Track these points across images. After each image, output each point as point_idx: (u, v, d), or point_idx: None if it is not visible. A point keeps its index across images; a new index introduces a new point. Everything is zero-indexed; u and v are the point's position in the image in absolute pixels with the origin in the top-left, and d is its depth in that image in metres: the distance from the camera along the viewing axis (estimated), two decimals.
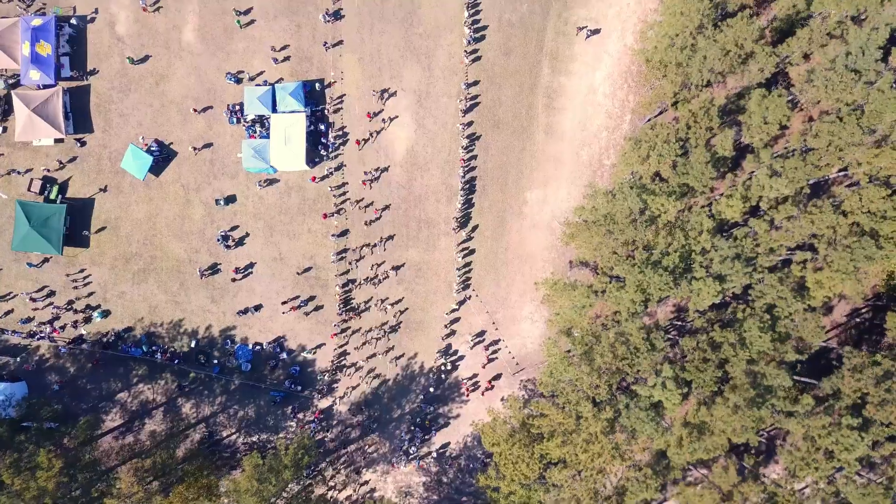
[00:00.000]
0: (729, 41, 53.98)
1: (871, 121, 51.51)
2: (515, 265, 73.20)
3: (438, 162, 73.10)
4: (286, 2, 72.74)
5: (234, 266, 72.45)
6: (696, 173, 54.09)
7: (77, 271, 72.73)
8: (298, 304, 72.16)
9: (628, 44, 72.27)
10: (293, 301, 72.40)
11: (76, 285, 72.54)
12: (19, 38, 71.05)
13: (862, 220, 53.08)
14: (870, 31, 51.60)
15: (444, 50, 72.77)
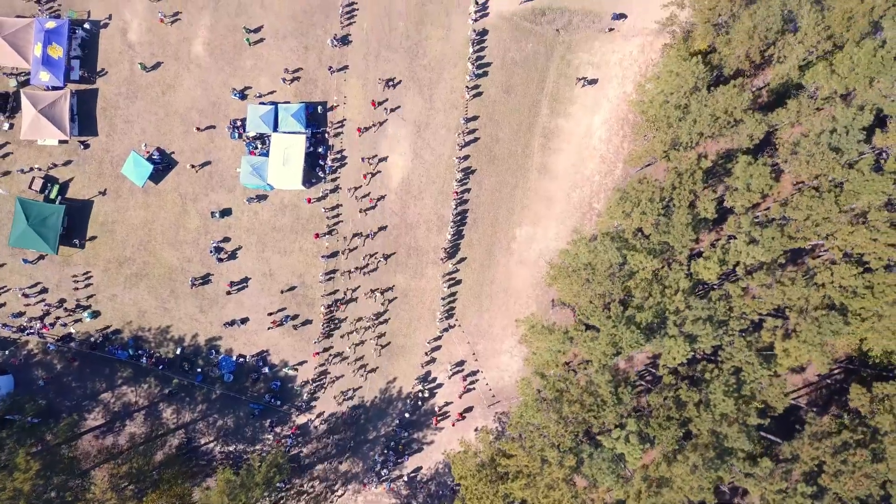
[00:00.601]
0: (719, 108, 55.37)
1: (849, 199, 52.88)
2: (500, 299, 74.61)
3: (432, 192, 74.51)
4: (296, 24, 74.14)
5: (230, 280, 73.84)
6: (676, 234, 55.51)
7: (82, 273, 74.01)
8: (282, 318, 73.60)
9: (627, 91, 73.62)
10: (277, 314, 73.85)
11: (77, 286, 73.85)
12: (32, 38, 72.47)
13: (833, 294, 54.44)
14: (856, 111, 52.94)
15: (446, 83, 74.16)
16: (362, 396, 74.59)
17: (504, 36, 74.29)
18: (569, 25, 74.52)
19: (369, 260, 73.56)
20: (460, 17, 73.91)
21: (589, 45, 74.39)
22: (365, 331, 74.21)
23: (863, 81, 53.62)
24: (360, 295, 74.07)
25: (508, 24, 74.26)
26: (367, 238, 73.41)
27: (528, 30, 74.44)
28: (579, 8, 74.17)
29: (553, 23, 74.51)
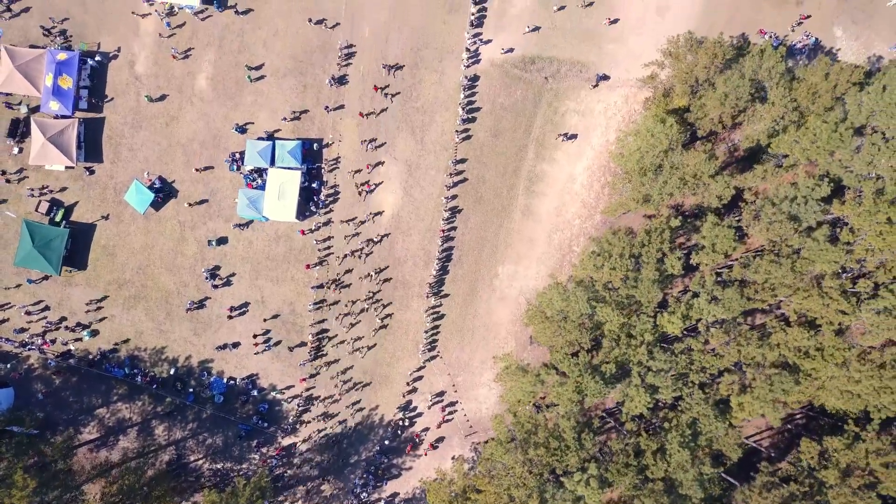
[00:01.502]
0: (689, 171, 58.77)
1: (805, 266, 56.27)
2: (480, 333, 78.08)
3: (420, 229, 77.95)
4: (295, 63, 77.53)
5: (230, 305, 77.14)
6: (643, 289, 58.95)
7: (97, 298, 77.44)
8: (265, 340, 76.89)
9: (610, 140, 77.01)
10: (262, 336, 77.20)
11: (89, 308, 77.32)
12: (44, 68, 75.86)
13: (787, 354, 57.84)
14: (816, 182, 56.34)
15: (437, 126, 77.58)
16: (346, 421, 78.11)
17: (494, 82, 77.69)
18: (557, 74, 77.92)
19: (361, 298, 77.09)
20: (453, 62, 77.31)
21: (575, 93, 77.80)
22: (352, 354, 77.68)
23: (824, 154, 56.99)
24: (347, 327, 77.52)
25: (499, 70, 77.65)
26: (365, 278, 76.82)
27: (517, 77, 77.84)
28: (567, 58, 77.56)
29: (542, 71, 77.89)
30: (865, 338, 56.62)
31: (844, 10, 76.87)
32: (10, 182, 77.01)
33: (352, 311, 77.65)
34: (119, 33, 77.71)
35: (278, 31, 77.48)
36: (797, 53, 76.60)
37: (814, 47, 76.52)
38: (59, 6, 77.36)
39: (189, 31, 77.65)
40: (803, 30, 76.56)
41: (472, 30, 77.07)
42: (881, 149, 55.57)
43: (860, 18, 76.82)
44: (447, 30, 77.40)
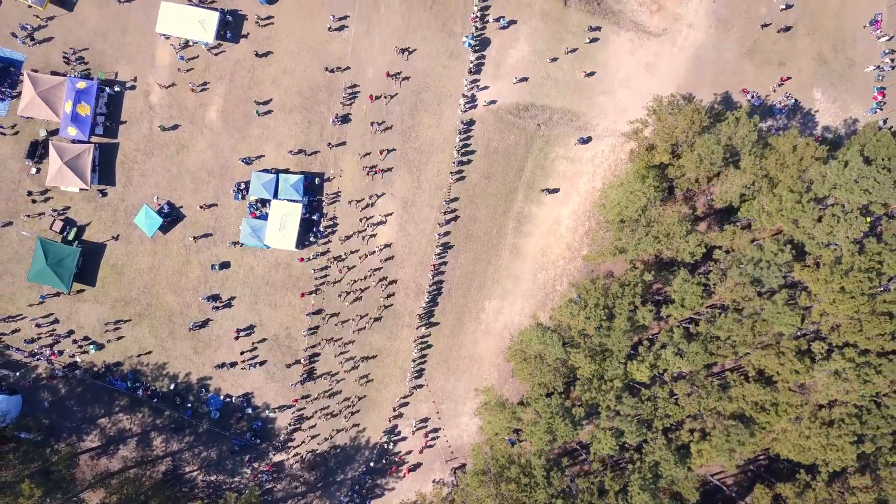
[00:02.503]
0: (662, 231, 63.05)
1: (763, 328, 60.50)
2: (465, 364, 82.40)
3: (413, 262, 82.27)
4: (302, 100, 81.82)
5: (236, 327, 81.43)
6: (615, 339, 63.25)
7: (115, 320, 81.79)
8: (250, 357, 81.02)
9: (596, 187, 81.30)
10: (248, 353, 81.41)
11: (107, 328, 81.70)
12: (64, 95, 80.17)
13: (744, 407, 62.09)
14: (779, 247, 60.58)
15: (433, 166, 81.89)
16: (334, 442, 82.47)
17: (489, 127, 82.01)
18: (549, 122, 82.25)
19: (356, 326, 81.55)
20: (451, 107, 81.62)
21: (565, 140, 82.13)
22: (343, 380, 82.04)
23: (788, 221, 61.23)
24: (339, 352, 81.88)
25: (494, 116, 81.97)
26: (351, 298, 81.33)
27: (511, 122, 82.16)
28: (559, 107, 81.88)
29: (535, 118, 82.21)
30: (816, 396, 60.76)
31: (824, 74, 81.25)
32: (36, 202, 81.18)
33: (344, 336, 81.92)
34: (136, 64, 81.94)
35: (287, 69, 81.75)
36: (777, 113, 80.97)
37: (793, 108, 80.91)
38: (81, 37, 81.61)
39: (202, 65, 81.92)
40: (784, 91, 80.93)
41: (471, 76, 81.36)
42: (840, 220, 59.75)
43: (838, 82, 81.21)
44: (447, 75, 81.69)
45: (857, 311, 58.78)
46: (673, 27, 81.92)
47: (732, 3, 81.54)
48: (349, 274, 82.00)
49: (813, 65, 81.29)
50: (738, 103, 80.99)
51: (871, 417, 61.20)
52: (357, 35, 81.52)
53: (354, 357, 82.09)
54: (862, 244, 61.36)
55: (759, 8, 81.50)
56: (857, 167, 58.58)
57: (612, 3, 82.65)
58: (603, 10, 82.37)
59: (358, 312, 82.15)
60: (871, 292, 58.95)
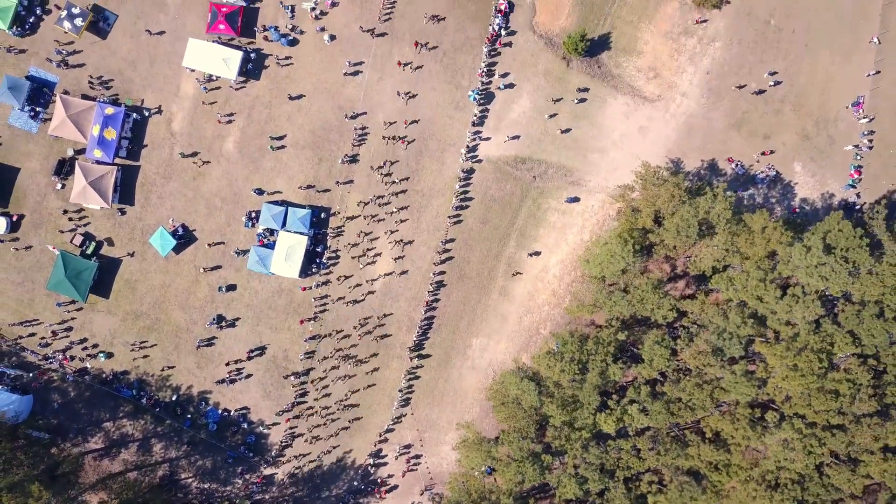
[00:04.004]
0: (635, 300, 68.34)
1: (721, 395, 65.76)
2: (450, 396, 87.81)
3: (407, 297, 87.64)
4: (314, 138, 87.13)
5: (248, 349, 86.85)
6: (585, 393, 68.60)
7: (140, 341, 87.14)
8: (235, 371, 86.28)
9: (584, 239, 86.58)
10: (234, 366, 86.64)
11: (133, 348, 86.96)
12: (93, 119, 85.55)
13: (699, 466, 67.35)
14: (742, 320, 65.79)
15: (433, 209, 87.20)
16: (322, 461, 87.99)
17: (487, 176, 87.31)
18: (544, 175, 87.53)
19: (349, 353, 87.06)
20: (453, 155, 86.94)
21: (558, 193, 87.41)
22: (334, 405, 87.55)
23: (752, 297, 66.47)
24: (330, 376, 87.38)
25: (493, 166, 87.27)
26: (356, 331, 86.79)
27: (508, 173, 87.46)
28: (555, 161, 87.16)
29: (531, 170, 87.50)
30: (765, 462, 65.95)
31: (805, 149, 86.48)
32: (72, 220, 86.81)
33: (339, 363, 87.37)
34: (161, 93, 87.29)
35: (302, 108, 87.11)
36: (759, 182, 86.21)
37: (774, 179, 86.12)
38: (111, 64, 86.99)
39: (223, 99, 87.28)
40: (767, 161, 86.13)
41: (473, 128, 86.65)
42: (799, 301, 64.93)
43: (818, 157, 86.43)
44: (451, 124, 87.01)
45: (807, 388, 63.97)
46: (667, 94, 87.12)
47: (724, 77, 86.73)
48: (347, 304, 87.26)
49: (796, 139, 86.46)
50: (723, 171, 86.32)
51: (812, 485, 66.49)
52: (370, 81, 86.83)
53: (346, 383, 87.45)
54: (818, 324, 66.53)
55: (750, 82, 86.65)
56: (818, 254, 63.71)
57: (612, 67, 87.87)
58: (603, 73, 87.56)
59: (352, 342, 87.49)
60: (820, 372, 64.08)
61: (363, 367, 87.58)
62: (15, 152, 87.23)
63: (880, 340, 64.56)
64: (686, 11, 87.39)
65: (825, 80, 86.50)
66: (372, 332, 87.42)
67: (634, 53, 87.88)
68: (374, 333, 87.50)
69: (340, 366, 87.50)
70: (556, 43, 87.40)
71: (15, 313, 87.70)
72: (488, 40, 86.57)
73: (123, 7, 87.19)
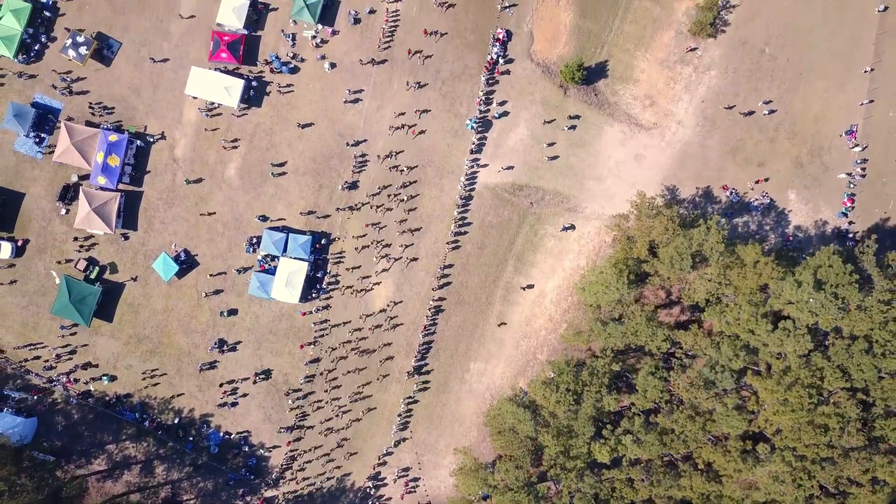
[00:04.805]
0: (629, 332, 69.50)
1: (713, 427, 66.87)
2: (448, 421, 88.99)
3: (406, 322, 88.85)
4: (315, 165, 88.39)
5: (255, 372, 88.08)
6: (580, 423, 69.74)
7: (152, 368, 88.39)
8: (230, 392, 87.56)
9: (581, 265, 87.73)
10: (228, 385, 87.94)
11: (145, 377, 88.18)
12: (97, 146, 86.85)
13: (690, 496, 68.52)
14: (734, 353, 66.94)
15: (431, 234, 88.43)
16: (321, 483, 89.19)
17: (485, 202, 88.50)
18: (541, 201, 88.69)
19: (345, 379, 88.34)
20: (452, 182, 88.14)
21: (555, 219, 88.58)
22: (335, 428, 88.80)
23: (744, 331, 67.58)
24: (330, 400, 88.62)
25: (491, 193, 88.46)
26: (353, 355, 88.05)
27: (506, 200, 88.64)
28: (552, 189, 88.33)
29: (528, 197, 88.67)
30: (756, 494, 67.09)
31: (799, 177, 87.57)
32: (83, 249, 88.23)
33: (338, 386, 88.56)
34: (164, 120, 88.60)
35: (303, 135, 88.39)
36: (753, 210, 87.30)
37: (768, 206, 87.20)
38: (115, 91, 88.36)
39: (225, 125, 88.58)
40: (761, 189, 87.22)
41: (472, 155, 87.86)
42: (790, 335, 66.06)
43: (812, 185, 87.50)
44: (450, 152, 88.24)
45: (797, 422, 65.10)
46: (663, 122, 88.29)
47: (719, 105, 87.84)
48: (346, 330, 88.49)
49: (790, 167, 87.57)
50: (718, 198, 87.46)
51: None
52: (370, 109, 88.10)
53: (346, 406, 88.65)
54: (809, 357, 67.69)
55: (739, 104, 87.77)
56: (809, 290, 64.85)
57: (609, 94, 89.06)
58: (600, 101, 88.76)
59: (352, 366, 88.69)
60: (810, 406, 65.19)
61: (363, 392, 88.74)
62: (20, 178, 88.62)
63: (869, 375, 65.73)
64: (682, 40, 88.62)
65: (819, 109, 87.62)
66: (371, 356, 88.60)
67: (631, 81, 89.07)
68: (373, 358, 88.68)
69: (340, 390, 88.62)
70: (554, 71, 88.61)
71: (20, 336, 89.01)
72: (486, 69, 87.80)
73: (127, 35, 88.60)
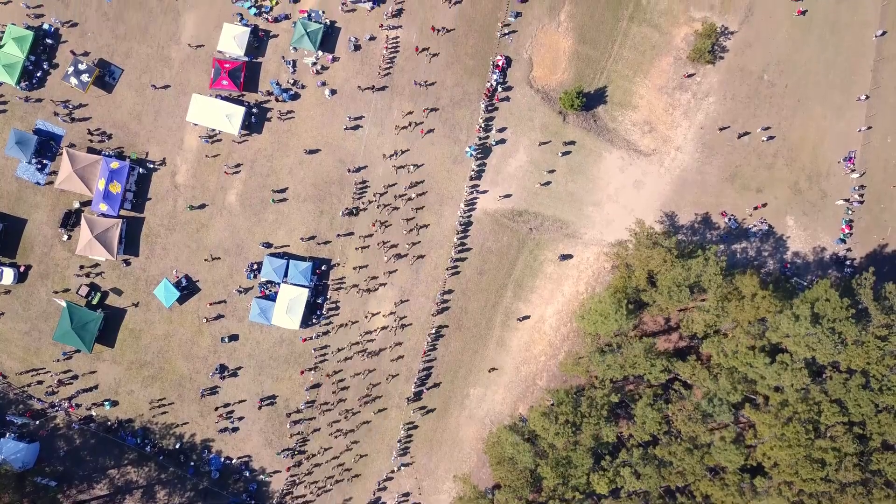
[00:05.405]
0: (628, 364, 69.88)
1: (711, 460, 67.24)
2: (447, 446, 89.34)
3: (406, 347, 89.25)
4: (315, 191, 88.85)
5: (260, 397, 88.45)
6: (578, 456, 70.14)
7: (159, 398, 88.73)
8: (224, 416, 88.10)
9: (580, 290, 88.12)
10: (223, 411, 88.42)
11: (152, 405, 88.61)
12: (98, 173, 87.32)
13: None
14: (732, 386, 67.29)
15: (431, 260, 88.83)
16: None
17: (485, 228, 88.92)
18: (540, 227, 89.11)
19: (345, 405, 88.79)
20: (452, 208, 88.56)
21: (554, 245, 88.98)
22: (331, 457, 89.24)
23: (742, 363, 67.92)
24: (330, 424, 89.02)
25: (490, 219, 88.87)
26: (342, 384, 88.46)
27: (506, 225, 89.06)
28: (551, 215, 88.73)
29: (527, 223, 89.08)
30: None
31: (797, 203, 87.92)
32: (90, 276, 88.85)
33: (338, 411, 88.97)
34: (165, 146, 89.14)
35: (303, 161, 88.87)
36: (751, 236, 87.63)
37: (767, 232, 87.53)
38: (117, 118, 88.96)
39: (226, 152, 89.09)
40: (760, 215, 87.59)
41: (471, 182, 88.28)
42: (787, 368, 66.40)
43: (810, 211, 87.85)
44: (449, 178, 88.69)
45: (794, 457, 65.41)
46: (662, 148, 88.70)
47: (718, 132, 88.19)
48: (346, 355, 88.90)
49: (788, 193, 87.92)
50: (717, 224, 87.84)
51: None
52: (370, 135, 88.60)
53: (346, 432, 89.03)
54: (807, 391, 68.00)
55: (743, 138, 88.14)
56: (806, 325, 65.18)
57: (608, 120, 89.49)
58: (599, 127, 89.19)
59: (352, 392, 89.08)
60: (806, 442, 65.52)
61: (363, 417, 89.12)
62: (22, 204, 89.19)
63: (866, 410, 66.05)
64: (680, 67, 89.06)
65: (817, 135, 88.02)
66: (371, 382, 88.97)
67: (630, 107, 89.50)
68: (374, 383, 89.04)
69: (340, 415, 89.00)
70: (553, 98, 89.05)
71: (22, 362, 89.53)
72: (486, 95, 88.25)
73: (129, 61, 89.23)
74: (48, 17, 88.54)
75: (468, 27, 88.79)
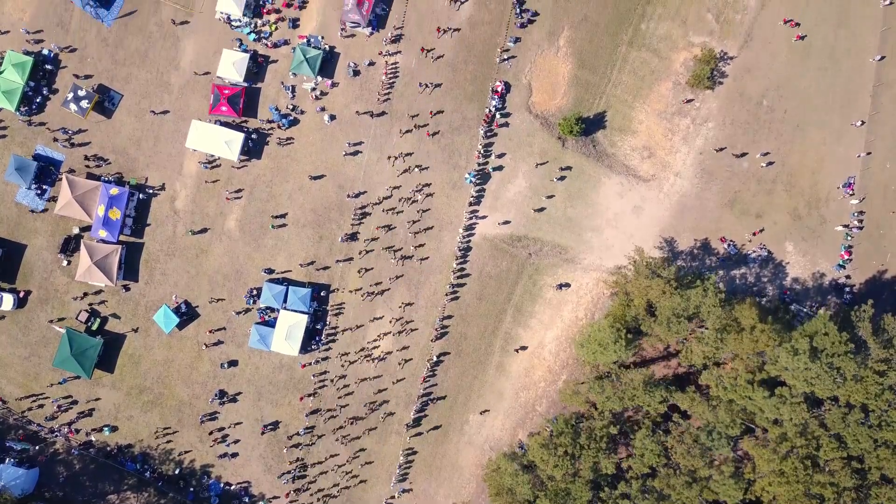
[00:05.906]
0: (627, 396, 69.85)
1: (709, 495, 67.27)
2: (447, 472, 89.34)
3: (406, 372, 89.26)
4: (315, 216, 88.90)
5: (263, 423, 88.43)
6: (577, 488, 70.13)
7: (164, 427, 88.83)
8: (222, 439, 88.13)
9: (579, 316, 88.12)
10: (219, 433, 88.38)
11: (157, 434, 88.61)
12: (98, 199, 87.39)
13: None
14: (731, 419, 67.25)
15: (430, 286, 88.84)
16: None
17: (484, 253, 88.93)
18: (539, 252, 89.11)
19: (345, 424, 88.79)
20: (451, 233, 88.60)
21: (553, 270, 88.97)
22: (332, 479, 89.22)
23: (740, 396, 67.89)
24: (331, 452, 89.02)
25: (489, 244, 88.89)
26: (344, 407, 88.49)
27: (505, 251, 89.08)
28: (550, 240, 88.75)
29: (527, 248, 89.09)
30: None
31: (796, 229, 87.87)
32: (90, 302, 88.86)
33: (337, 437, 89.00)
34: (165, 171, 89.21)
35: (303, 187, 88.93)
36: (751, 262, 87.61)
37: (766, 258, 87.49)
38: (116, 143, 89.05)
39: (226, 177, 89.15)
40: (759, 241, 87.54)
41: (470, 207, 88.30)
42: (786, 401, 66.36)
43: (810, 237, 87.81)
44: (449, 203, 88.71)
45: (793, 493, 65.43)
46: (661, 174, 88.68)
47: (717, 157, 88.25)
48: (345, 380, 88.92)
49: (787, 219, 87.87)
50: (716, 250, 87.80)
51: None
52: (370, 161, 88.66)
53: (345, 457, 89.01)
54: (806, 425, 67.99)
55: (742, 163, 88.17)
56: (804, 359, 65.14)
57: (607, 146, 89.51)
58: (598, 152, 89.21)
59: (351, 417, 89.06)
60: (805, 478, 65.50)
61: (362, 443, 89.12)
62: (22, 229, 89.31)
63: (865, 445, 66.00)
64: (679, 92, 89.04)
65: (817, 161, 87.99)
66: (371, 407, 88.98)
67: (629, 133, 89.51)
68: (373, 409, 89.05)
69: (339, 441, 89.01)
70: (552, 123, 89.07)
71: (22, 387, 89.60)
72: (485, 121, 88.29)
73: (128, 87, 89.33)
74: (48, 43, 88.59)
75: (467, 52, 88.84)
